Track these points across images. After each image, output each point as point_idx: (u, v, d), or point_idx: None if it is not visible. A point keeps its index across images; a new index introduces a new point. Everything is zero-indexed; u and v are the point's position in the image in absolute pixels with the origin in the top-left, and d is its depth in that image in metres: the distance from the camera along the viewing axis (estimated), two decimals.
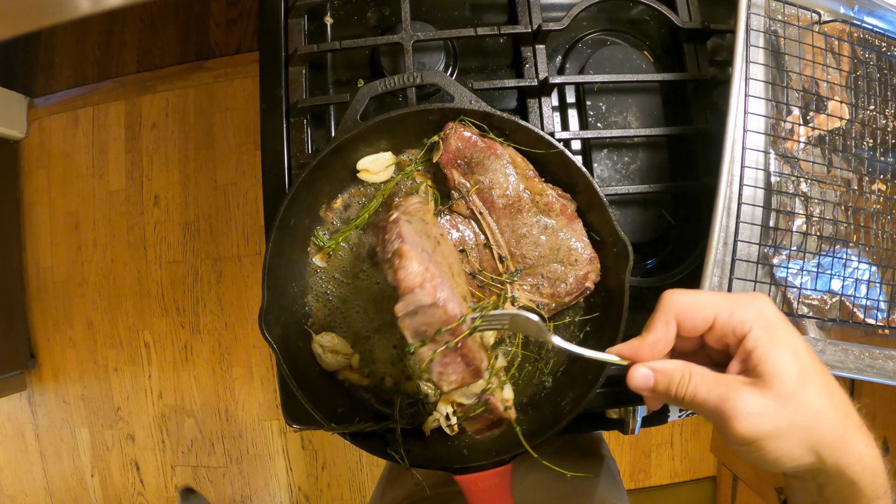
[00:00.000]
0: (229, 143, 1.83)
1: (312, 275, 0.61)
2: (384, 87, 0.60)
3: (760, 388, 0.36)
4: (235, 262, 1.82)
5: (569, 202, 0.59)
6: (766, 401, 0.36)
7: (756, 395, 0.36)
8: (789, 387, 0.36)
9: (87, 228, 1.91)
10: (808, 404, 0.36)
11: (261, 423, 1.82)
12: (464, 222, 0.60)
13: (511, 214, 0.59)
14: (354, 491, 1.80)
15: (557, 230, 0.59)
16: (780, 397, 0.36)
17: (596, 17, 0.73)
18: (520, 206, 0.59)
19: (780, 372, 0.36)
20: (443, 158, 0.58)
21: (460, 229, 0.60)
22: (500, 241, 0.59)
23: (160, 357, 1.86)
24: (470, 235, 0.60)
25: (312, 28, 0.71)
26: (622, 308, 0.56)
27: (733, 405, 0.36)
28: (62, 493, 1.93)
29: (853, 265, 0.60)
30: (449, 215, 0.60)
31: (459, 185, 0.59)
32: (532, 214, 0.59)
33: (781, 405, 0.36)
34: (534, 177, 0.59)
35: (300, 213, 0.59)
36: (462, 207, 0.59)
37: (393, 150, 0.62)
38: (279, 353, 0.55)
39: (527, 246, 0.59)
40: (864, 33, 0.63)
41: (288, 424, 0.62)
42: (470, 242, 0.60)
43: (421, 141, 0.61)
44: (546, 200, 0.58)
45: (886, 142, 0.62)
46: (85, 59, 1.93)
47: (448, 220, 0.60)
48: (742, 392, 0.36)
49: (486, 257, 0.59)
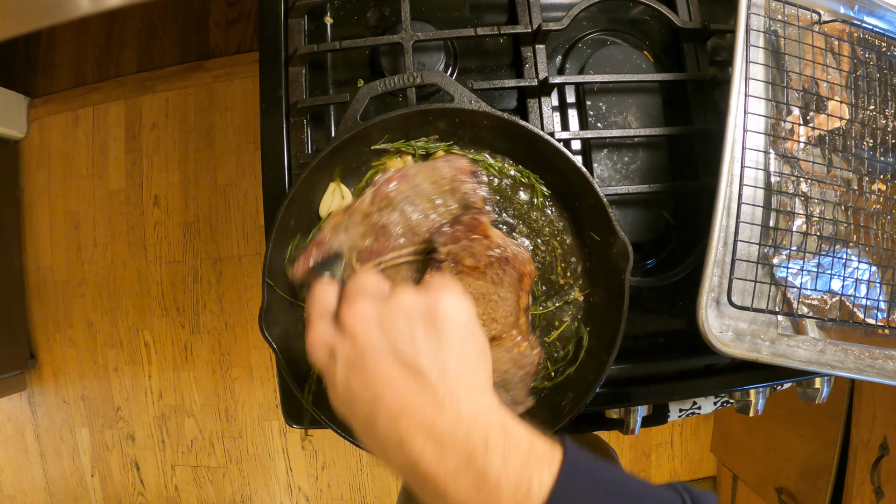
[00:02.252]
0: (229, 143, 1.83)
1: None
2: (384, 87, 0.60)
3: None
4: (235, 262, 1.82)
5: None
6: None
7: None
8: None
9: (87, 228, 1.90)
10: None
11: (261, 423, 1.82)
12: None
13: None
14: (354, 491, 1.80)
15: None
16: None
17: (596, 17, 0.73)
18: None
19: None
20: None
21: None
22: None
23: (160, 357, 1.86)
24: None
25: (312, 28, 0.71)
26: (622, 308, 0.56)
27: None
28: (62, 493, 1.93)
29: (853, 265, 0.60)
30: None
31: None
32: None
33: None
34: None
35: (300, 213, 0.59)
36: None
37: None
38: (279, 353, 0.55)
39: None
40: (864, 33, 0.63)
41: (288, 424, 0.62)
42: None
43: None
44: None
45: (886, 142, 0.62)
46: (85, 59, 1.93)
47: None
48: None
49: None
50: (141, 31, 1.89)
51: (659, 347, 0.67)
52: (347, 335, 0.36)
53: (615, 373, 0.64)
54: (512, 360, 0.56)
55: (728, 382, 0.64)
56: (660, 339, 0.67)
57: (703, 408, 0.74)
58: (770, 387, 0.67)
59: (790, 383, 0.69)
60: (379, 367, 0.35)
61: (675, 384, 0.64)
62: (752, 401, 0.67)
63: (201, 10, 1.85)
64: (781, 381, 0.66)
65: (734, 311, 0.56)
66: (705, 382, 0.65)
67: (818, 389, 0.68)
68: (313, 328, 0.38)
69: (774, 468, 1.38)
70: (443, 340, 0.36)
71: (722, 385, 0.65)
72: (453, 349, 0.36)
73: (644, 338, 0.67)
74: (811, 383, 0.68)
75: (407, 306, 0.37)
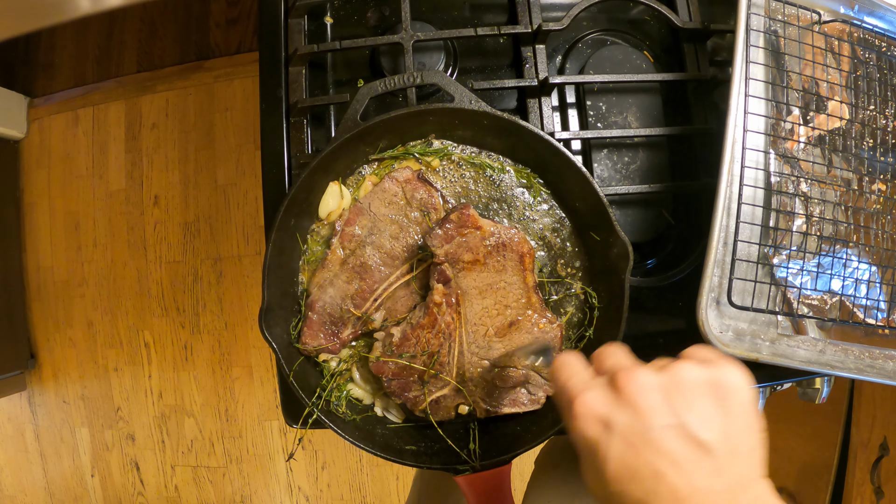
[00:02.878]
0: (229, 143, 1.83)
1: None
2: (384, 87, 0.60)
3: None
4: (235, 262, 1.82)
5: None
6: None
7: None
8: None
9: (87, 228, 1.91)
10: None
11: (261, 423, 1.82)
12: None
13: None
14: (354, 491, 1.80)
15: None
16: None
17: (596, 17, 0.73)
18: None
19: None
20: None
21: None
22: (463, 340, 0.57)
23: (160, 357, 1.86)
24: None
25: (312, 28, 0.71)
26: (622, 308, 0.56)
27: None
28: (62, 493, 1.93)
29: (853, 265, 0.60)
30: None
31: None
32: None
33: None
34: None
35: (300, 214, 0.59)
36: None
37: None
38: (279, 353, 0.55)
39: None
40: (864, 33, 0.63)
41: (288, 424, 0.62)
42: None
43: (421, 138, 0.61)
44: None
45: (886, 142, 0.62)
46: (85, 59, 1.93)
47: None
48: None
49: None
50: (141, 31, 1.89)
51: (659, 347, 0.67)
52: (628, 406, 0.33)
53: None
54: (535, 339, 0.57)
55: None
56: (660, 339, 0.67)
57: None
58: (770, 387, 0.67)
59: (790, 383, 0.69)
60: (664, 442, 0.32)
61: None
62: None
63: (201, 10, 1.85)
64: (781, 381, 0.66)
65: (734, 311, 0.56)
66: None
67: (818, 389, 0.68)
68: (582, 398, 0.35)
69: (774, 468, 1.37)
70: (732, 416, 0.33)
71: None
72: (742, 426, 0.33)
73: (644, 338, 0.67)
74: (811, 383, 0.68)
75: (691, 377, 0.34)
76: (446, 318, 0.56)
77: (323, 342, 0.58)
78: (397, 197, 0.59)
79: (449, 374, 0.57)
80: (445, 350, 0.57)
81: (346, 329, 0.58)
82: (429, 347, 0.56)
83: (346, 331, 0.58)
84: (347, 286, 0.58)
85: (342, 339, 0.58)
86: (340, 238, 0.58)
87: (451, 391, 0.58)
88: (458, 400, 0.58)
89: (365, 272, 0.58)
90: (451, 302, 0.56)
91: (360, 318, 0.58)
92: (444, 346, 0.57)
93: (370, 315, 0.58)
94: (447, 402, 0.58)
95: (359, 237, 0.58)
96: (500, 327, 0.57)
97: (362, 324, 0.58)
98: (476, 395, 0.58)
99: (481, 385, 0.58)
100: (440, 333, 0.56)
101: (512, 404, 0.57)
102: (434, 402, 0.57)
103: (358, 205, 0.59)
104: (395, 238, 0.58)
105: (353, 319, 0.58)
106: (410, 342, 0.56)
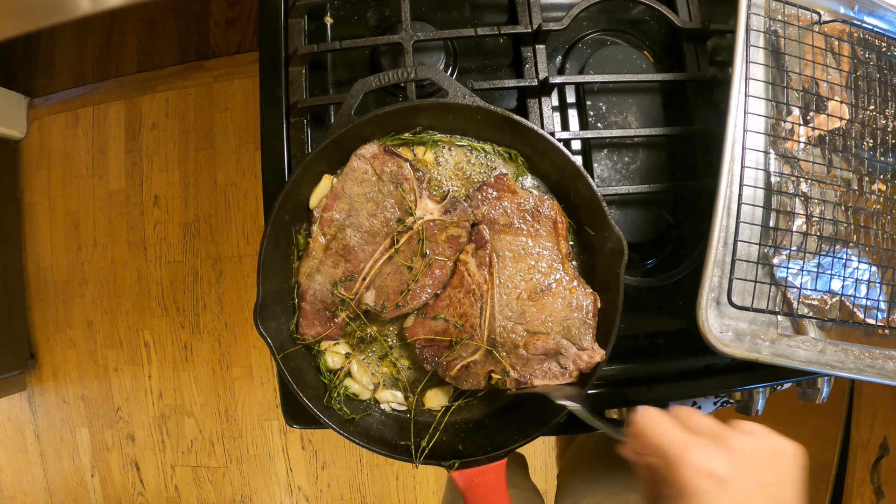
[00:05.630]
0: (229, 143, 1.83)
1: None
2: (378, 82, 0.60)
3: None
4: (235, 262, 1.82)
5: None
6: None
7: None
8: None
9: (87, 228, 1.91)
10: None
11: (261, 423, 1.82)
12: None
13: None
14: (354, 491, 1.80)
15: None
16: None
17: (596, 17, 0.73)
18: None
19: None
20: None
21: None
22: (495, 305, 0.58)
23: (160, 357, 1.86)
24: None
25: (312, 28, 0.71)
26: (617, 303, 0.56)
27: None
28: (62, 493, 1.93)
29: (853, 265, 0.60)
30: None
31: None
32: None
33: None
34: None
35: (296, 209, 0.59)
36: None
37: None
38: (274, 349, 0.56)
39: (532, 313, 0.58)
40: (864, 33, 0.63)
41: (288, 424, 0.62)
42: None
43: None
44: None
45: (886, 142, 0.62)
46: (85, 59, 1.93)
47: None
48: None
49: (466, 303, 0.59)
50: (141, 31, 1.89)
51: (659, 347, 0.67)
52: (740, 466, 0.39)
53: (615, 373, 0.64)
54: (568, 305, 0.57)
55: (728, 382, 0.64)
56: (660, 339, 0.67)
57: (703, 408, 0.74)
58: (770, 387, 0.67)
59: (790, 383, 0.69)
60: (757, 500, 0.39)
61: (675, 384, 0.64)
62: (753, 401, 0.67)
63: (201, 10, 1.85)
64: (781, 381, 0.66)
65: (734, 311, 0.56)
66: (705, 382, 0.65)
67: (818, 389, 0.68)
68: (696, 452, 0.39)
69: None
70: (789, 484, 0.40)
71: (722, 385, 0.65)
72: (795, 494, 0.40)
73: (644, 338, 0.67)
74: (811, 383, 0.68)
75: (777, 447, 0.41)
76: (478, 280, 0.57)
77: (320, 330, 0.59)
78: (368, 174, 0.59)
79: (480, 338, 0.58)
80: (476, 311, 0.58)
81: (341, 313, 0.59)
82: (461, 307, 0.58)
83: (341, 315, 0.59)
84: (334, 270, 0.58)
85: (338, 324, 0.59)
86: (320, 224, 0.59)
87: (481, 357, 0.58)
88: (488, 367, 0.58)
89: (349, 254, 0.58)
90: (486, 261, 0.58)
91: (352, 300, 0.58)
92: (475, 306, 0.58)
93: (361, 296, 0.58)
94: (477, 369, 0.58)
95: (338, 221, 0.59)
96: (532, 291, 0.58)
97: (356, 305, 0.59)
98: (507, 362, 0.58)
99: (513, 352, 0.58)
100: (470, 294, 0.58)
101: (544, 375, 0.57)
102: (465, 368, 0.58)
103: (333, 189, 0.60)
104: (373, 215, 0.59)
105: (346, 302, 0.59)
106: (443, 303, 0.58)
